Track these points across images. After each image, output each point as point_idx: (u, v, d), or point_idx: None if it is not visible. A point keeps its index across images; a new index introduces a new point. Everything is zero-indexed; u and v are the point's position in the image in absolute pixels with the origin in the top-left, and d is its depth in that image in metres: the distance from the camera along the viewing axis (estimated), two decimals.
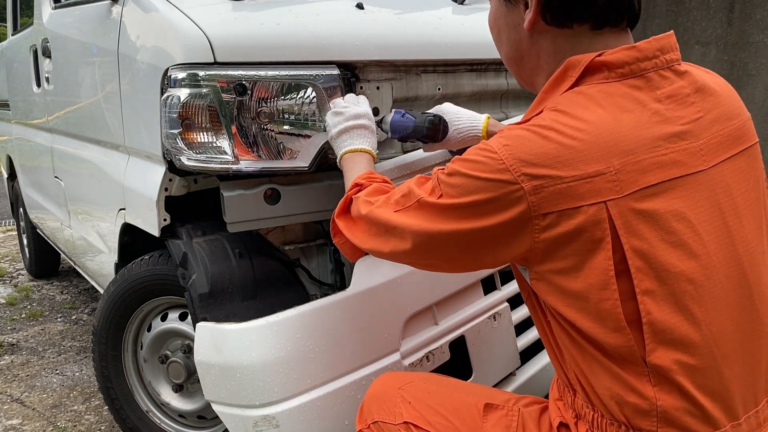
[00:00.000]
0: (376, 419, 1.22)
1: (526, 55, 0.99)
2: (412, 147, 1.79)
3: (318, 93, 1.50)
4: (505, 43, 1.02)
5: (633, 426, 0.89)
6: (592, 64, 0.89)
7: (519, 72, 1.05)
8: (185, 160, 1.47)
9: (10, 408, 2.50)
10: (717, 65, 4.67)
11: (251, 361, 1.38)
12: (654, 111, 0.87)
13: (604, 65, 0.89)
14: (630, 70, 0.89)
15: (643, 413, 0.87)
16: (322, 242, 1.71)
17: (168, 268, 1.77)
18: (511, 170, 0.83)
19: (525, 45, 0.98)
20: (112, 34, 1.82)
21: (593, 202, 0.82)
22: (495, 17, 1.03)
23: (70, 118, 2.42)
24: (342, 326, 1.45)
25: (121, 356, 1.97)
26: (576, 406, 0.98)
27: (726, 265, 0.88)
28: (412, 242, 0.97)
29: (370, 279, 1.50)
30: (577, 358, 0.92)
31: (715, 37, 4.65)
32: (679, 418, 0.86)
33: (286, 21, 1.54)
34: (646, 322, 0.84)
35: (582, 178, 0.82)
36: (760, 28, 4.51)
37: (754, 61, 4.56)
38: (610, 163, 0.82)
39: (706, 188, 0.87)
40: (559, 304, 0.88)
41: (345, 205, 1.20)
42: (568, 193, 0.82)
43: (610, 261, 0.83)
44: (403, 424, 1.16)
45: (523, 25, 0.95)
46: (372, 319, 1.49)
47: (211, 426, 1.90)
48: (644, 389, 0.86)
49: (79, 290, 3.92)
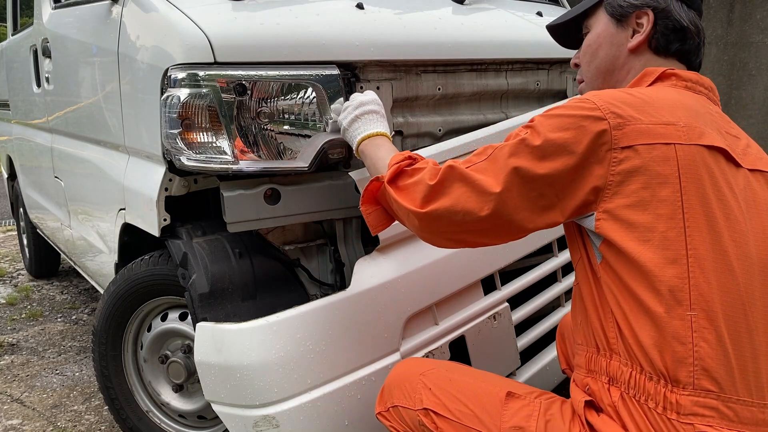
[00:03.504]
0: (395, 403, 1.24)
1: (617, 70, 1.18)
2: (412, 147, 1.79)
3: (318, 93, 1.50)
4: (602, 57, 1.19)
5: (672, 378, 0.95)
6: (664, 74, 1.12)
7: (603, 83, 1.21)
8: (185, 160, 1.47)
9: (10, 408, 2.50)
10: (717, 65, 4.67)
11: (251, 361, 1.38)
12: (712, 113, 1.07)
13: (674, 75, 1.11)
14: (692, 86, 1.11)
15: (681, 361, 0.94)
16: (322, 242, 1.71)
17: (168, 268, 1.77)
18: (601, 109, 0.99)
19: (620, 61, 1.18)
20: (112, 34, 1.82)
21: (665, 142, 0.97)
22: (599, 35, 1.20)
23: (70, 118, 2.42)
24: (342, 326, 1.45)
25: (121, 356, 1.97)
26: (611, 370, 1.02)
27: (757, 246, 0.98)
28: (501, 186, 1.03)
29: (370, 279, 1.50)
30: (625, 308, 0.99)
31: (715, 37, 4.65)
32: (714, 369, 0.93)
33: (286, 21, 1.54)
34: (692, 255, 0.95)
35: (658, 123, 0.98)
36: (760, 28, 4.51)
37: (754, 61, 4.56)
38: (679, 119, 0.99)
39: (744, 181, 1.02)
40: (625, 239, 0.98)
41: (395, 174, 1.19)
42: (646, 132, 0.97)
43: (677, 193, 0.96)
44: (422, 410, 1.19)
45: (627, 45, 1.16)
46: (372, 319, 1.49)
47: (211, 426, 1.90)
48: (685, 335, 0.94)
49: (79, 290, 3.92)
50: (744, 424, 0.93)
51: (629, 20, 1.15)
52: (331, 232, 1.68)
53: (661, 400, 0.95)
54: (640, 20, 1.14)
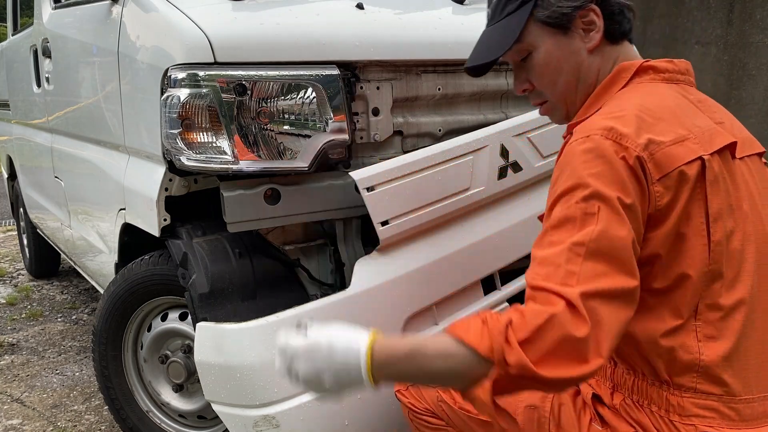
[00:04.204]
0: None
1: (584, 75, 1.08)
2: (412, 147, 1.79)
3: (318, 93, 1.50)
4: (566, 72, 1.08)
5: (675, 384, 0.95)
6: (641, 67, 1.05)
7: (574, 98, 1.10)
8: (185, 160, 1.47)
9: (10, 408, 2.50)
10: (717, 65, 4.67)
11: (251, 361, 1.38)
12: (695, 103, 1.03)
13: (651, 68, 1.05)
14: (670, 77, 1.06)
15: (686, 369, 0.94)
16: (322, 242, 1.71)
17: (168, 268, 1.76)
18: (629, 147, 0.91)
19: (585, 66, 1.08)
20: (112, 34, 1.82)
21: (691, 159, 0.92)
22: (552, 52, 1.07)
23: (70, 118, 2.42)
24: None
25: (121, 356, 1.97)
26: (615, 377, 1.03)
27: (756, 240, 0.97)
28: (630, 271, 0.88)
29: (370, 279, 1.50)
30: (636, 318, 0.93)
31: (715, 37, 4.65)
32: (717, 374, 0.93)
33: (286, 21, 1.54)
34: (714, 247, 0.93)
35: (676, 141, 0.93)
36: (760, 28, 4.51)
37: (754, 61, 4.56)
38: (688, 129, 0.95)
39: (739, 168, 0.99)
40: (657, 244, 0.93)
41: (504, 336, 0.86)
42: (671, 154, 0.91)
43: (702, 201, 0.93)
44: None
45: (586, 47, 1.07)
46: (372, 319, 1.49)
47: (211, 426, 1.89)
48: (691, 345, 0.94)
49: (79, 290, 3.92)
50: (746, 421, 0.94)
51: (575, 23, 1.05)
52: (331, 232, 1.68)
53: (664, 403, 0.97)
54: (586, 18, 1.05)
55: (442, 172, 1.60)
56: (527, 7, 1.06)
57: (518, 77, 1.14)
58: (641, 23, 4.90)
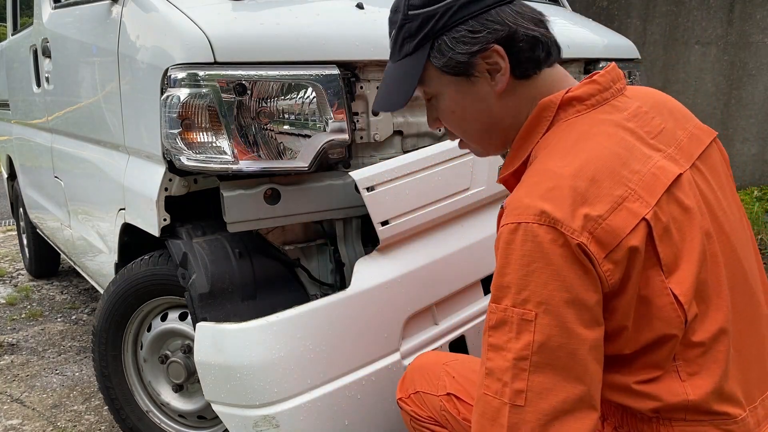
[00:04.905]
0: (417, 390, 1.28)
1: (499, 119, 1.00)
2: (412, 147, 1.79)
3: (318, 93, 1.50)
4: (474, 119, 1.01)
5: (664, 417, 0.91)
6: (563, 101, 0.95)
7: (490, 141, 1.04)
8: (185, 160, 1.47)
9: (10, 408, 2.50)
10: (717, 65, 4.67)
11: (251, 361, 1.38)
12: (630, 130, 0.93)
13: (574, 99, 0.95)
14: (596, 101, 0.95)
15: (674, 407, 0.90)
16: (322, 242, 1.71)
17: (168, 268, 1.76)
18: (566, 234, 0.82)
19: (495, 111, 0.99)
20: (112, 34, 1.82)
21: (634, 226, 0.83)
22: (456, 100, 1.00)
23: (70, 118, 2.42)
24: (342, 326, 1.45)
25: (121, 356, 1.97)
26: (603, 409, 0.99)
27: (724, 257, 0.93)
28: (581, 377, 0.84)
29: (370, 279, 1.50)
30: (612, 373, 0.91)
31: (715, 37, 4.65)
32: (706, 402, 0.89)
33: (286, 21, 1.54)
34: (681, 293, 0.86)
35: (614, 208, 0.84)
36: (760, 28, 4.51)
37: (754, 61, 4.56)
38: (625, 184, 0.85)
39: (691, 188, 0.92)
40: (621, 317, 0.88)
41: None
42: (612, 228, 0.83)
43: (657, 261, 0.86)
44: (445, 396, 1.22)
45: (495, 90, 0.97)
46: (372, 319, 1.49)
47: (211, 426, 1.90)
48: (675, 386, 0.89)
49: (79, 290, 3.92)
50: None
51: (478, 68, 0.96)
52: (331, 232, 1.68)
53: None
54: (490, 59, 0.95)
55: (442, 172, 1.60)
56: (423, 51, 0.98)
57: (430, 115, 1.08)
58: (641, 23, 4.90)
